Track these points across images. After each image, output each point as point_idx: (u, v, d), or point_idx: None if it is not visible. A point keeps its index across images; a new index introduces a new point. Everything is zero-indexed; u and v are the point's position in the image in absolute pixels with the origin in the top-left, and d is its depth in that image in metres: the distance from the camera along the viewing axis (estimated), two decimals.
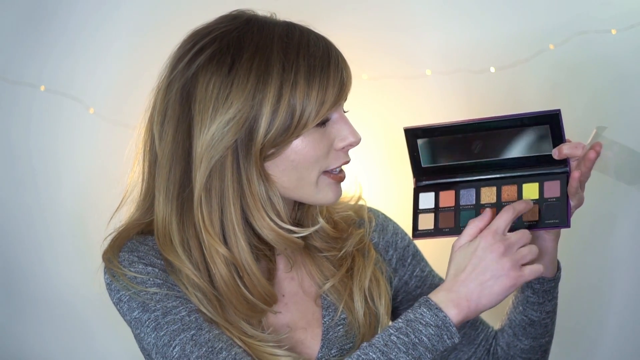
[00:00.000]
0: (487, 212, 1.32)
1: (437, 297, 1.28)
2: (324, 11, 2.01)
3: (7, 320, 2.06)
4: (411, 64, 2.04)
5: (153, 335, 1.31)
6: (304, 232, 1.37)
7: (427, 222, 1.40)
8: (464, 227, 1.33)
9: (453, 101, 2.04)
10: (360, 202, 1.51)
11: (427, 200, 1.41)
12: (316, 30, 1.35)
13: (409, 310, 1.28)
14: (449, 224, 1.39)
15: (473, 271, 1.27)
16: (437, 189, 1.41)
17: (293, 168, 1.32)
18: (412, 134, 1.40)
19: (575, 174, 1.33)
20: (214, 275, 1.33)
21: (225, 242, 1.32)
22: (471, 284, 1.27)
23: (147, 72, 1.98)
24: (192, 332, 1.30)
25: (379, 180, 2.04)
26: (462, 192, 1.40)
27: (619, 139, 1.34)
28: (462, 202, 1.39)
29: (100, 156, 2.03)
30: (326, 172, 1.35)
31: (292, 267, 1.42)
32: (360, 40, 2.00)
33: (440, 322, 1.26)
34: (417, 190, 1.42)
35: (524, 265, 1.29)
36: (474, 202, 1.39)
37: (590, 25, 2.00)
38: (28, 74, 2.00)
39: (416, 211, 1.41)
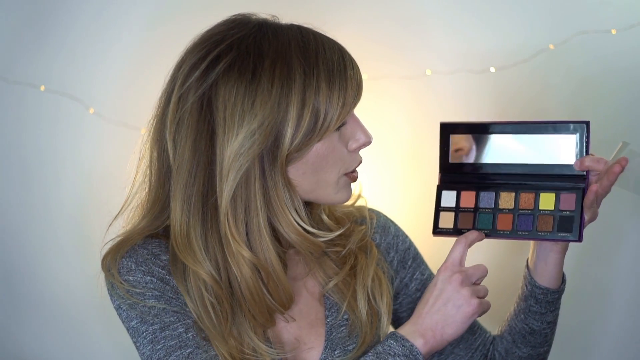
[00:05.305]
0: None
1: (404, 329, 1.33)
2: (323, 12, 2.01)
3: (7, 321, 2.06)
4: (411, 64, 2.03)
5: (149, 347, 1.32)
6: (328, 236, 1.38)
7: (447, 220, 1.43)
8: (481, 229, 1.39)
9: (453, 101, 2.04)
10: (360, 200, 1.52)
11: (449, 198, 1.44)
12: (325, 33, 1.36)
13: (378, 344, 1.33)
14: (468, 225, 1.42)
15: (435, 303, 1.33)
16: (459, 188, 1.43)
17: (313, 171, 1.33)
18: (447, 129, 1.43)
19: (593, 187, 1.34)
20: (234, 279, 1.33)
21: (249, 246, 1.32)
22: (435, 315, 1.32)
23: (147, 72, 2.00)
24: (189, 349, 1.31)
25: (379, 180, 2.04)
26: (482, 194, 1.42)
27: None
28: (481, 205, 1.42)
29: (101, 156, 2.02)
30: (346, 173, 1.36)
31: (309, 270, 1.43)
32: (360, 41, 2.00)
33: (408, 351, 1.31)
34: (441, 188, 1.45)
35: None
36: (492, 206, 1.41)
37: (590, 25, 2.00)
38: (28, 74, 2.00)
39: (438, 208, 1.44)
